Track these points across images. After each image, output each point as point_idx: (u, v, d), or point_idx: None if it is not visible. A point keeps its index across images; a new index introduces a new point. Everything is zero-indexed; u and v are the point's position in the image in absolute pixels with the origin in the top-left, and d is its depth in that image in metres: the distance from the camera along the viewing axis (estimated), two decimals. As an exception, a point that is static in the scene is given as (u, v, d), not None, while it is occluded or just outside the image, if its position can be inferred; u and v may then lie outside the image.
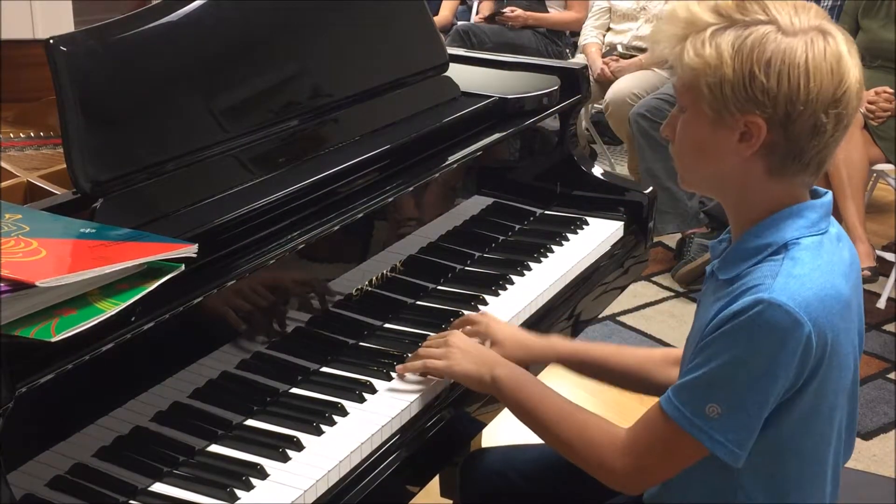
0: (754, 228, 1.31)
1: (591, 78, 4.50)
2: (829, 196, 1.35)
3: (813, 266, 1.25)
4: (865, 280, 3.49)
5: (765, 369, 1.22)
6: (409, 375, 1.56)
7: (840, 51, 1.24)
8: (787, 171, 1.28)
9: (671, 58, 1.30)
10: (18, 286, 1.10)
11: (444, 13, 5.56)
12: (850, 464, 2.31)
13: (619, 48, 4.71)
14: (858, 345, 1.36)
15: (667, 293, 3.79)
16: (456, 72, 2.08)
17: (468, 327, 1.66)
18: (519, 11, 5.11)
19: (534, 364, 1.69)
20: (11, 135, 1.92)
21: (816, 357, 1.24)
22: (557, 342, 1.68)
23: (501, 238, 2.08)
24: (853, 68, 1.25)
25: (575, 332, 2.00)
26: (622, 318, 3.58)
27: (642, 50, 4.58)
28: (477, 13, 5.41)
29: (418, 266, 1.83)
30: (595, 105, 4.98)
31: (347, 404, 1.49)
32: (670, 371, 1.56)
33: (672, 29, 1.29)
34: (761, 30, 1.23)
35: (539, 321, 1.84)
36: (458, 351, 1.53)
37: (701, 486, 1.35)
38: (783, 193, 1.30)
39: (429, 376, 1.56)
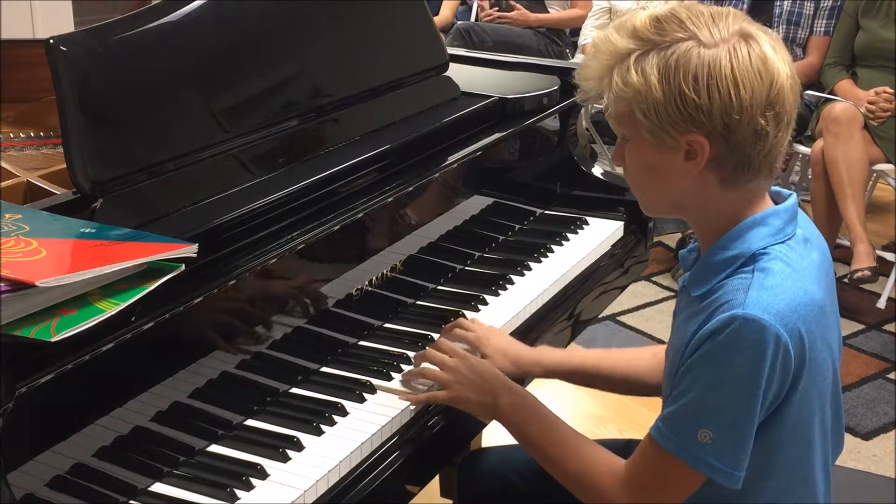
0: (720, 241, 1.30)
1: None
2: (793, 198, 1.34)
3: (784, 275, 1.24)
4: (865, 280, 3.50)
5: (748, 386, 1.22)
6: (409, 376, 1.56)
7: (764, 52, 1.23)
8: (739, 179, 1.27)
9: (602, 92, 1.30)
10: (18, 286, 1.10)
11: (444, 13, 5.55)
12: (850, 464, 2.31)
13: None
14: (836, 346, 1.35)
15: (667, 293, 3.79)
16: (456, 72, 2.08)
17: (458, 331, 1.64)
18: (521, 11, 5.10)
19: (524, 377, 1.67)
20: (11, 135, 1.92)
21: (796, 366, 1.24)
22: (544, 355, 1.65)
23: (501, 238, 2.08)
24: (781, 65, 1.24)
25: (575, 331, 2.00)
26: (622, 318, 3.58)
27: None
28: (476, 16, 5.40)
29: (418, 266, 1.83)
30: (595, 105, 4.97)
31: (347, 404, 1.49)
32: (660, 370, 1.55)
33: (597, 63, 1.29)
34: (683, 47, 1.22)
35: (539, 321, 1.84)
36: (462, 378, 1.50)
37: (694, 497, 1.34)
38: (742, 202, 1.30)
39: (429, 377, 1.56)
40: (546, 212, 2.22)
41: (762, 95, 1.22)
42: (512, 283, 1.89)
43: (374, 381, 1.54)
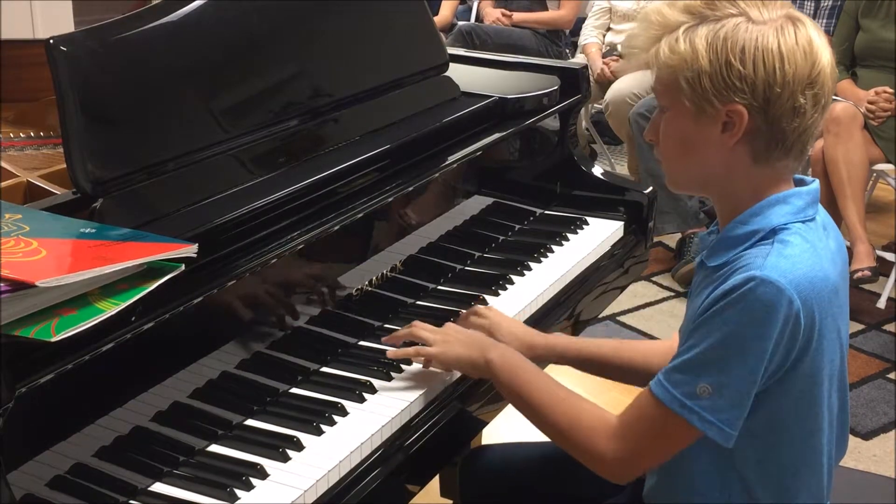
0: (741, 216, 1.33)
1: (591, 78, 4.50)
2: (816, 184, 1.37)
3: (803, 248, 1.27)
4: (865, 280, 3.50)
5: (755, 345, 1.24)
6: (409, 375, 1.56)
7: (810, 35, 1.28)
8: (771, 156, 1.30)
9: (648, 60, 1.33)
10: (18, 286, 1.10)
11: (445, 13, 5.55)
12: (850, 464, 2.30)
13: (620, 48, 4.71)
14: (845, 334, 1.37)
15: (667, 293, 3.79)
16: (456, 72, 2.08)
17: (473, 318, 1.67)
18: (498, 14, 5.13)
19: (536, 362, 1.69)
20: (11, 135, 1.92)
21: (805, 336, 1.25)
22: (559, 342, 1.69)
23: (501, 238, 2.08)
24: (825, 50, 1.29)
25: (575, 331, 2.00)
26: (622, 318, 3.58)
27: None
28: (477, 15, 5.41)
29: (418, 266, 1.83)
30: (595, 105, 4.98)
31: (347, 404, 1.49)
32: None
33: (646, 33, 1.32)
34: (732, 21, 1.26)
35: (539, 321, 1.84)
36: (450, 336, 1.54)
37: (701, 480, 1.36)
38: (768, 180, 1.32)
39: (428, 375, 1.56)
40: (546, 212, 2.22)
41: (805, 73, 1.26)
42: (512, 283, 1.89)
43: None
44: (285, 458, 1.37)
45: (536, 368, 1.49)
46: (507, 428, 2.02)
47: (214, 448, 1.39)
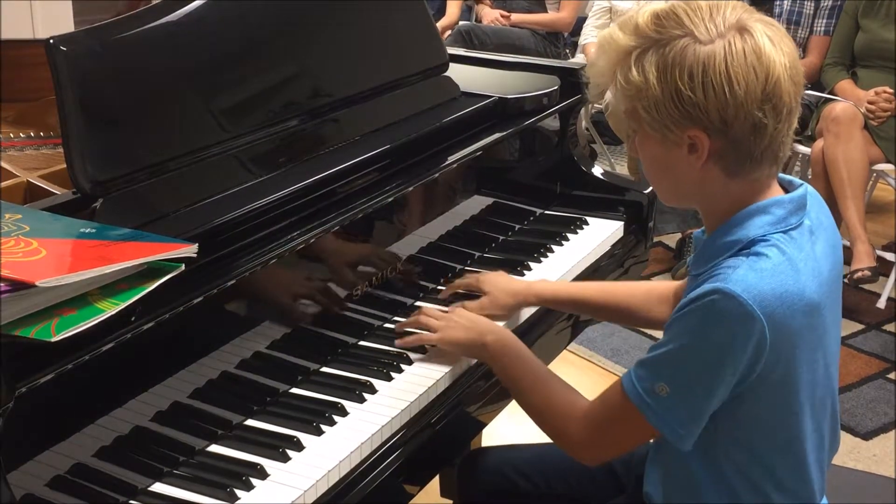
0: (723, 226, 1.33)
1: (591, 78, 4.49)
2: (802, 189, 1.36)
3: (778, 261, 1.26)
4: (865, 280, 3.50)
5: (713, 357, 1.25)
6: (409, 375, 1.57)
7: (759, 45, 1.25)
8: (743, 170, 1.30)
9: (609, 90, 1.34)
10: (18, 286, 1.10)
11: (452, 12, 5.53)
12: (850, 464, 2.31)
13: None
14: (833, 340, 1.37)
15: (667, 293, 3.78)
16: (456, 72, 2.08)
17: (458, 281, 1.78)
18: (496, 15, 5.13)
19: (522, 307, 1.78)
20: (11, 135, 1.92)
21: (774, 350, 1.25)
22: (538, 285, 1.79)
23: (501, 238, 2.08)
24: (778, 56, 1.25)
25: (575, 331, 2.00)
26: (622, 318, 3.57)
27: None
28: (476, 17, 5.41)
29: (418, 266, 1.83)
30: (595, 105, 4.97)
31: (347, 404, 1.49)
32: (653, 306, 1.66)
33: (601, 61, 1.33)
34: (679, 44, 1.25)
35: (539, 321, 1.84)
36: (451, 322, 1.60)
37: (698, 481, 1.37)
38: (747, 191, 1.32)
39: (428, 375, 1.56)
40: (546, 212, 2.22)
41: (757, 90, 1.24)
42: (512, 283, 1.89)
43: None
44: (285, 458, 1.37)
45: (528, 353, 1.53)
46: (507, 428, 2.02)
47: (214, 448, 1.39)
